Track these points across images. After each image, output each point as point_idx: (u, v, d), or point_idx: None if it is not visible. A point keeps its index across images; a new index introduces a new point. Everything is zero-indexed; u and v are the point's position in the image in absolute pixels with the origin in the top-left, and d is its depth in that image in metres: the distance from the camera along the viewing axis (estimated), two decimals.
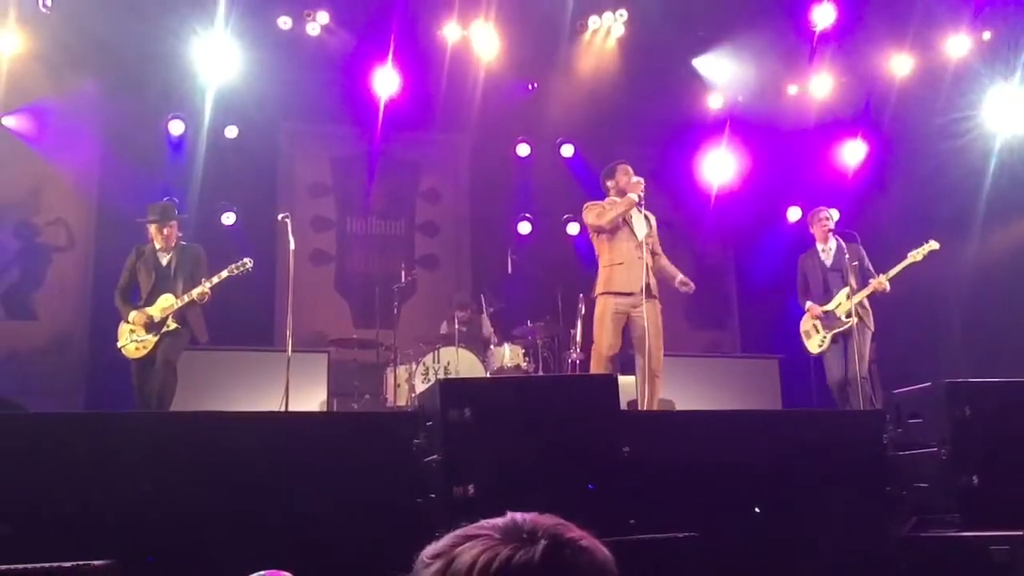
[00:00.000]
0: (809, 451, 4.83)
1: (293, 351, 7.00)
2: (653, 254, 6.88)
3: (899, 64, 10.57)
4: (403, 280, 9.36)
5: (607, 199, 7.04)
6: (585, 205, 7.09)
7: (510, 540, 1.24)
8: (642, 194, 6.77)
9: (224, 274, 6.90)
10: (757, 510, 4.60)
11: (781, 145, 11.23)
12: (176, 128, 10.01)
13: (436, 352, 8.69)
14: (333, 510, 4.17)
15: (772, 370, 9.89)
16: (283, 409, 6.66)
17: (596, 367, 6.64)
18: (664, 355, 9.74)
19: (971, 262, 10.28)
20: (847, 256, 7.57)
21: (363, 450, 4.45)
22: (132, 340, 6.88)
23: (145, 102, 9.66)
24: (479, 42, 10.10)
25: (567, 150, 11.40)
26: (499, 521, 1.31)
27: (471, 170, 11.74)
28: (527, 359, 8.87)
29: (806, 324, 7.82)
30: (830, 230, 7.86)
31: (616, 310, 6.69)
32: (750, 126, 11.13)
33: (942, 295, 10.43)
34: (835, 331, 7.54)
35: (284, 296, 8.20)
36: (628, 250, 6.75)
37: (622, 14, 10.41)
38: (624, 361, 9.80)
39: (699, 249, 11.90)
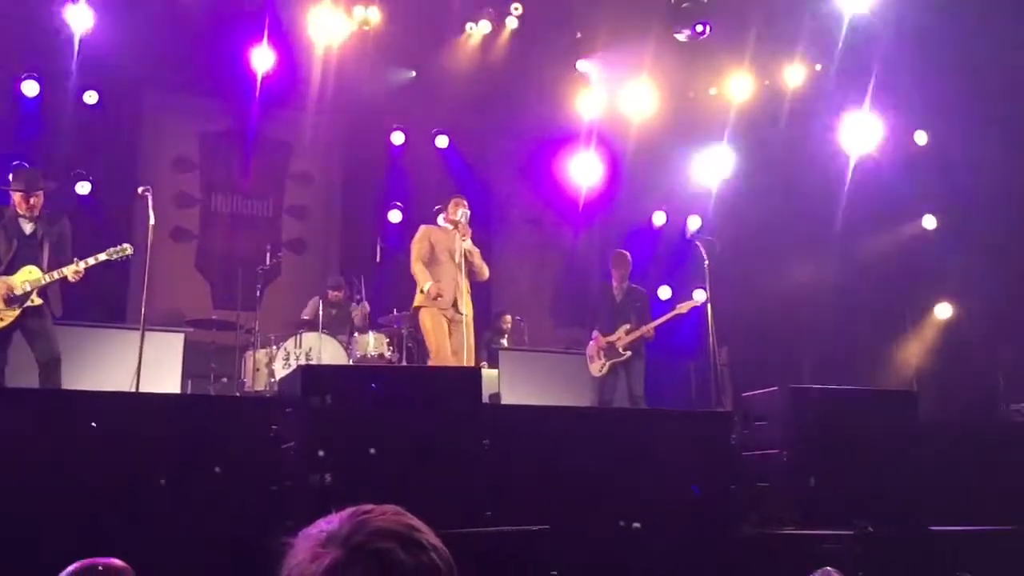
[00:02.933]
0: (661, 449, 4.99)
1: (147, 329, 6.74)
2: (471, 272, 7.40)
3: (747, 83, 11.06)
4: (268, 262, 9.15)
5: (438, 226, 7.49)
6: (415, 238, 7.50)
7: (326, 546, 1.27)
8: (465, 234, 7.27)
9: (102, 257, 6.56)
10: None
11: (651, 150, 11.53)
12: (30, 89, 9.46)
13: (298, 337, 8.55)
14: (184, 495, 4.05)
15: None
16: (134, 389, 6.41)
17: None
18: (528, 351, 9.92)
19: (822, 276, 10.85)
20: (633, 297, 8.63)
21: (218, 434, 4.33)
22: None
23: None
24: (358, 24, 9.96)
25: (442, 141, 11.38)
26: (337, 517, 1.33)
27: (345, 155, 11.58)
28: (391, 348, 8.83)
29: (592, 349, 8.60)
30: (624, 273, 8.74)
31: (439, 317, 7.18)
32: (622, 130, 11.38)
33: (796, 305, 10.96)
34: (613, 360, 8.39)
35: (140, 272, 7.87)
36: (446, 272, 7.24)
37: (516, 8, 10.47)
38: (489, 355, 9.91)
39: (567, 247, 12.13)
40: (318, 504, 3.37)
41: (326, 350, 8.50)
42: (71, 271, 6.44)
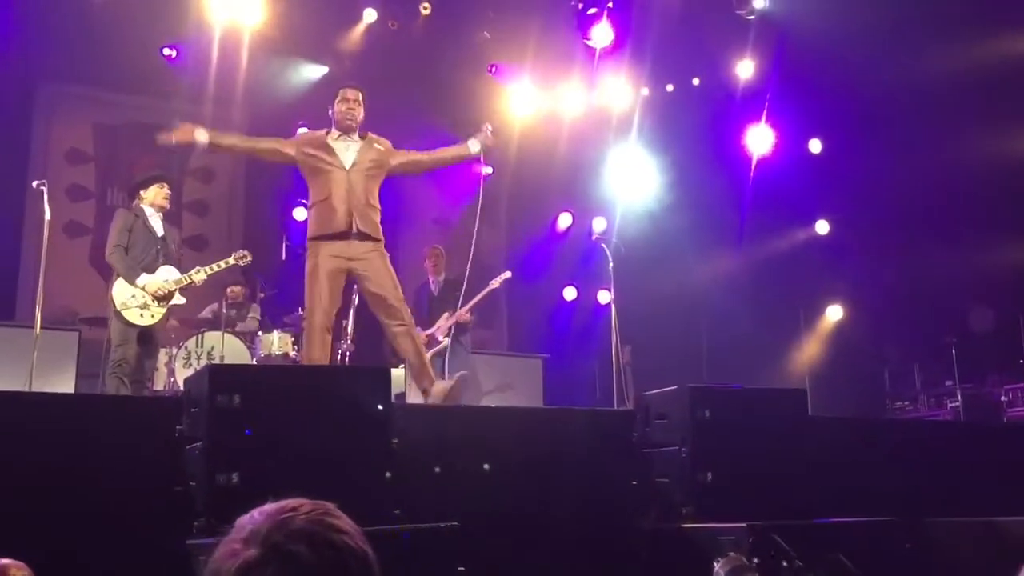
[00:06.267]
0: (566, 446, 5.09)
1: (41, 328, 6.54)
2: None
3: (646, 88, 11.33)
4: None
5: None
6: None
7: (246, 543, 1.29)
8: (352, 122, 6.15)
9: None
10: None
11: (560, 153, 11.69)
12: None
13: (200, 336, 8.40)
14: (85, 498, 3.96)
15: (536, 368, 10.29)
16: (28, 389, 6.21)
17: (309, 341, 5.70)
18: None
19: (722, 277, 11.20)
20: (450, 288, 8.89)
21: (118, 435, 4.24)
22: None
23: None
24: (258, 16, 9.80)
25: None
26: (265, 512, 1.35)
27: None
28: (296, 347, 8.74)
29: None
30: (439, 266, 9.23)
31: (331, 260, 5.62)
32: (532, 131, 11.50)
33: (697, 305, 11.29)
34: (434, 350, 8.50)
35: (32, 268, 7.62)
36: (333, 182, 5.74)
37: (426, 7, 10.49)
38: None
39: (474, 247, 12.18)
40: (226, 504, 3.35)
41: (228, 349, 8.37)
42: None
